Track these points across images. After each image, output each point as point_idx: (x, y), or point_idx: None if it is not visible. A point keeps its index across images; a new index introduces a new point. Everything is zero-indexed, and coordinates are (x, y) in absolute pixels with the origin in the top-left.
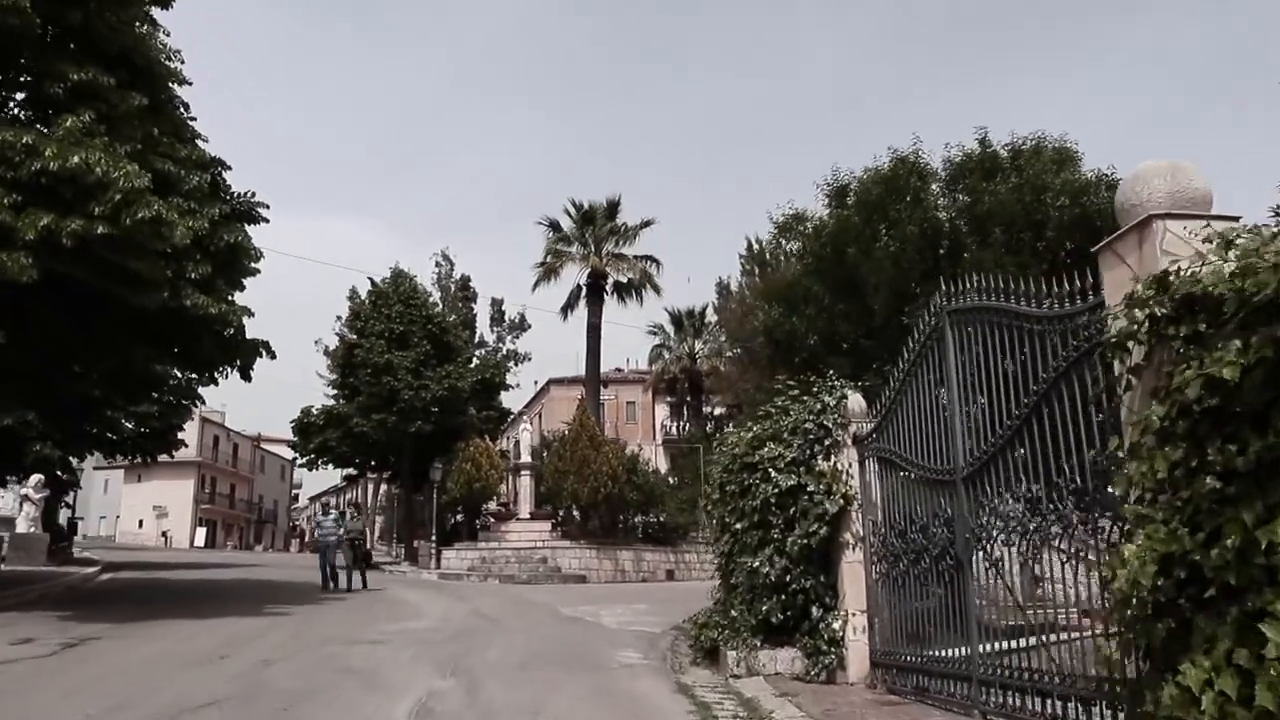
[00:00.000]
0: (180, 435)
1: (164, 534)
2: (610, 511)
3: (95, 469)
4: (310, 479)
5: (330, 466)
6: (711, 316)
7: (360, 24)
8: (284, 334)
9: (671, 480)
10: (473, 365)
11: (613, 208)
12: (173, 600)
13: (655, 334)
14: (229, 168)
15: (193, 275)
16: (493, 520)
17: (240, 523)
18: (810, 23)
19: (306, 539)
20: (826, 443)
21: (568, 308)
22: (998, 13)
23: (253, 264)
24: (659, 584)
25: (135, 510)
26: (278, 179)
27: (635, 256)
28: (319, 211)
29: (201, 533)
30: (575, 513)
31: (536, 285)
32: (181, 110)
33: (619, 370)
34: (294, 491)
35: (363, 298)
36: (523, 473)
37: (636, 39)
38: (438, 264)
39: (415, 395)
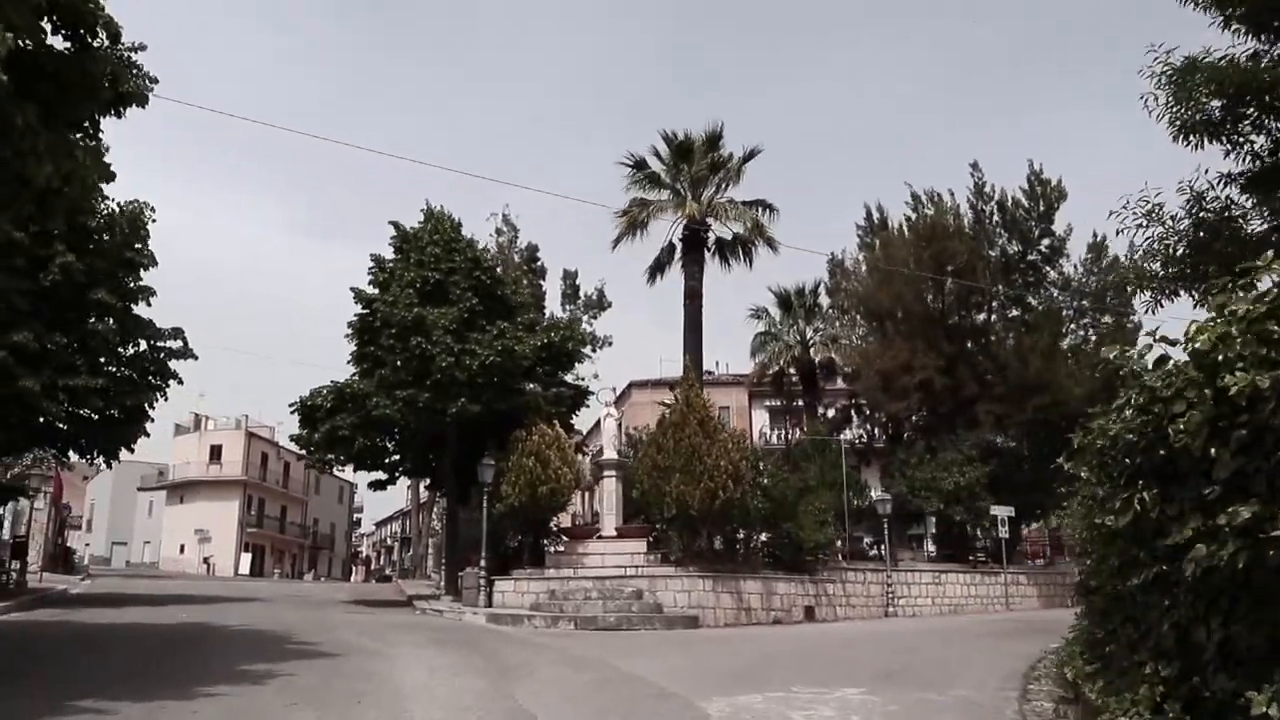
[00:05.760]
0: (146, 425)
1: (206, 560)
2: (726, 526)
3: (139, 490)
4: (373, 501)
5: (348, 466)
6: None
7: (422, 55)
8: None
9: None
10: (540, 329)
11: (713, 140)
12: None
13: (759, 318)
14: None
15: None
16: (566, 539)
17: (292, 548)
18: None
19: (371, 566)
20: None
21: (658, 269)
22: None
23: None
24: (798, 627)
25: (176, 534)
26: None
27: (744, 202)
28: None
29: (246, 559)
30: (671, 531)
31: (617, 242)
32: None
33: (710, 373)
34: (355, 515)
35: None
36: (606, 473)
37: (681, 64)
38: (498, 229)
39: (456, 363)
